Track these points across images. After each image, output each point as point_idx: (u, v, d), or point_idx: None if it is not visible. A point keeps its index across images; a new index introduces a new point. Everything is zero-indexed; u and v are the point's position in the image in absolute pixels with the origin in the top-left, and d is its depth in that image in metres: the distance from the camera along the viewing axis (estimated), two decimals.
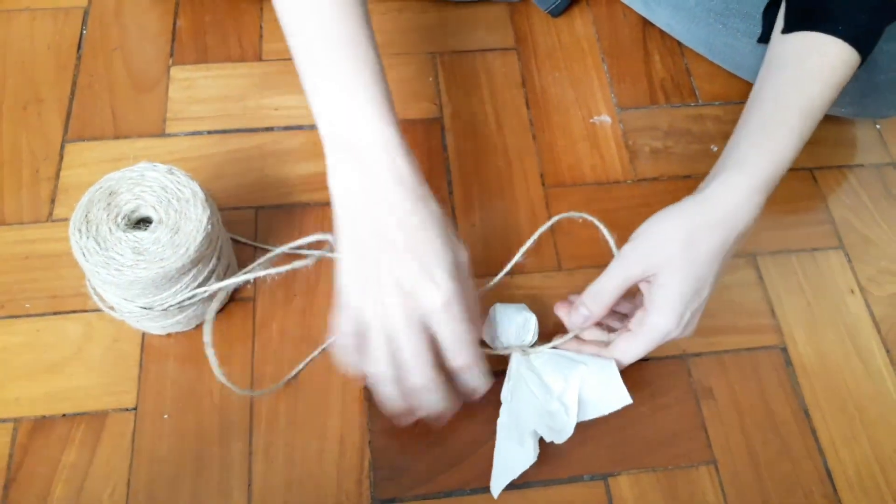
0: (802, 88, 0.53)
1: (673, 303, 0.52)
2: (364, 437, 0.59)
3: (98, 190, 0.57)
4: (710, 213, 0.51)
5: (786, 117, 0.52)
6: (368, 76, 0.48)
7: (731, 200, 0.51)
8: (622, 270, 0.53)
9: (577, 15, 0.84)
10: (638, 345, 0.54)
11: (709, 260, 0.51)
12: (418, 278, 0.46)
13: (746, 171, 0.51)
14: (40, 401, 0.60)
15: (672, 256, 0.51)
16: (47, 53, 0.77)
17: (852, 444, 0.61)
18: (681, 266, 0.51)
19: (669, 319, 0.52)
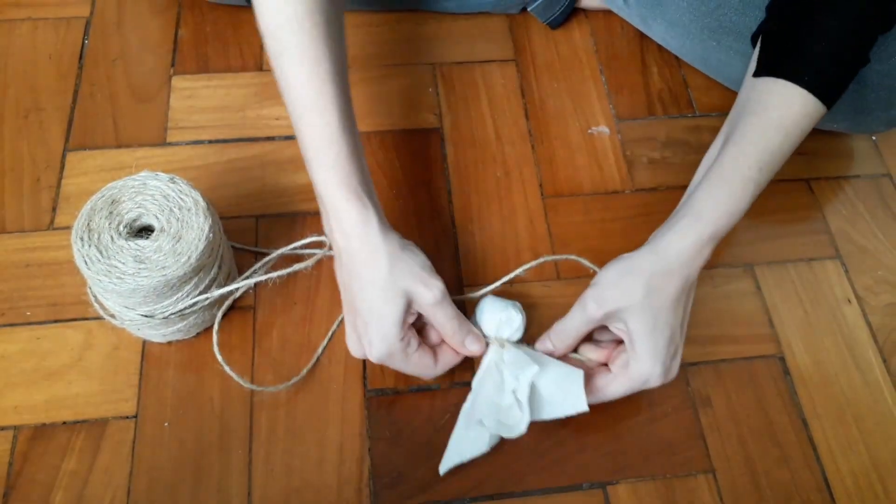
0: (765, 139, 0.53)
1: (655, 352, 0.54)
2: (364, 445, 0.60)
3: (100, 198, 0.58)
4: (666, 263, 0.53)
5: (744, 170, 0.53)
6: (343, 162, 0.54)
7: (685, 251, 0.53)
8: (583, 315, 0.56)
9: (576, 27, 0.85)
10: (618, 386, 0.56)
11: (672, 306, 0.53)
12: (364, 342, 0.56)
13: (701, 222, 0.53)
14: (40, 408, 0.60)
15: (637, 305, 0.53)
16: (49, 63, 0.78)
17: (850, 453, 0.61)
18: (650, 314, 0.53)
19: (654, 368, 0.54)
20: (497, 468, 0.59)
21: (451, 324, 0.56)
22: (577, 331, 0.57)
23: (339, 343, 0.64)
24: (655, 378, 0.54)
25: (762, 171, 0.53)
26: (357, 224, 0.54)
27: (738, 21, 0.70)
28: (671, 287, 0.53)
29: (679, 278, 0.53)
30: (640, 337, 0.54)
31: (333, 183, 0.54)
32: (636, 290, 0.53)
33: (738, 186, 0.53)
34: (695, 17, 0.73)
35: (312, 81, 0.54)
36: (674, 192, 0.74)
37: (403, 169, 0.73)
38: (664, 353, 0.54)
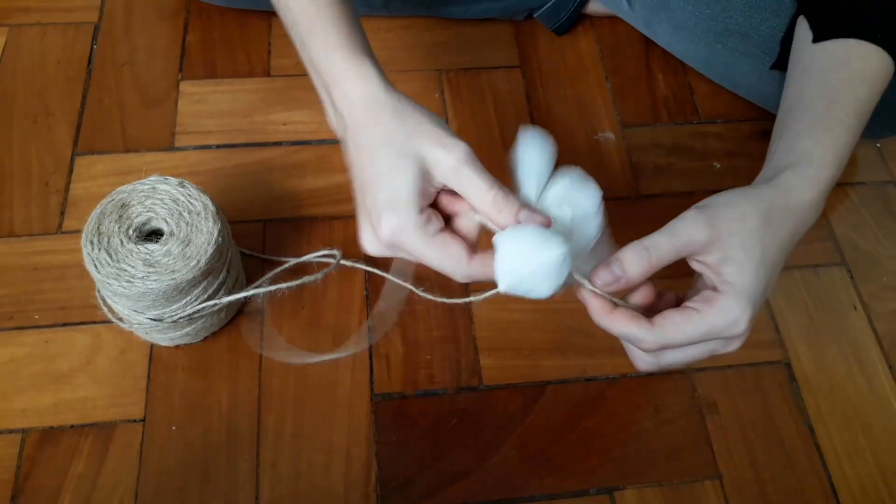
0: (853, 89, 0.52)
1: (751, 285, 0.43)
2: (371, 450, 0.60)
3: (110, 202, 0.58)
4: (788, 200, 0.46)
5: (841, 116, 0.50)
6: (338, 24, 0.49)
7: (805, 194, 0.47)
8: (685, 230, 0.44)
9: (581, 33, 0.85)
10: (697, 325, 0.44)
11: (782, 248, 0.45)
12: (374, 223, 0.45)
13: (815, 166, 0.48)
14: (48, 412, 0.60)
15: (751, 231, 0.44)
16: (57, 68, 0.78)
17: (856, 459, 0.61)
18: (759, 244, 0.44)
19: (746, 310, 0.43)
20: (503, 473, 0.59)
21: (482, 187, 0.43)
22: (672, 250, 0.44)
23: (346, 348, 0.64)
24: (742, 323, 0.43)
25: (857, 119, 0.51)
26: (360, 84, 0.47)
27: (743, 23, 0.70)
28: (788, 225, 0.45)
29: (795, 220, 0.46)
30: (743, 268, 0.43)
31: (330, 45, 0.48)
32: (753, 217, 0.44)
33: (841, 132, 0.50)
34: (700, 20, 0.73)
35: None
36: (679, 199, 0.74)
37: None
38: (760, 296, 0.44)
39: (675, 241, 0.44)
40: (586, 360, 0.64)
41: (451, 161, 0.43)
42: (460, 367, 0.64)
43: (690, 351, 0.46)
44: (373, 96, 0.46)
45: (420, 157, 0.44)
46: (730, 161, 0.77)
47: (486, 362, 0.64)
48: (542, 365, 0.64)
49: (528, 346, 0.65)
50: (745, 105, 0.80)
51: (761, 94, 0.76)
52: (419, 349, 0.64)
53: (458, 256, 0.44)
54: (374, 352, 0.64)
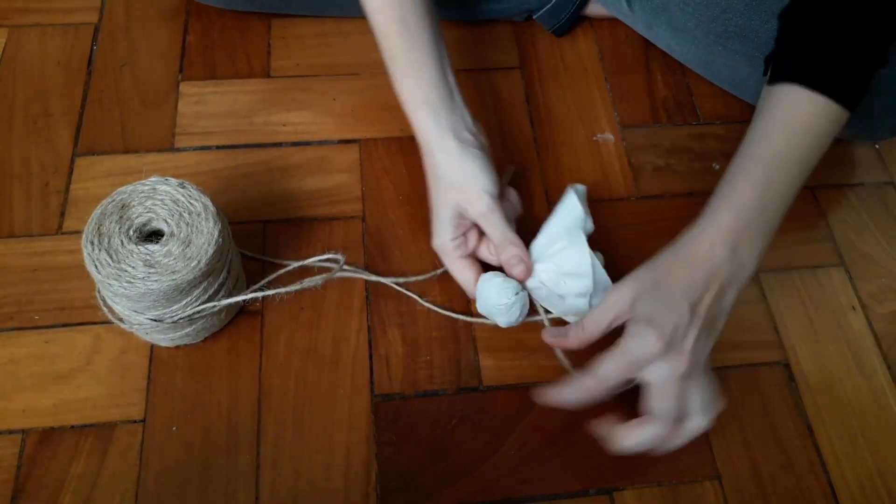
0: (767, 140, 0.55)
1: (645, 312, 0.53)
2: (371, 449, 0.60)
3: (110, 203, 0.58)
4: (676, 251, 0.55)
5: (748, 170, 0.55)
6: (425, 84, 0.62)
7: (693, 243, 0.55)
8: (603, 300, 0.56)
9: (581, 35, 0.85)
10: (613, 353, 0.54)
11: (678, 284, 0.53)
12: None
13: (713, 220, 0.55)
14: (48, 412, 0.60)
15: (644, 284, 0.55)
16: (57, 68, 0.78)
17: (855, 460, 0.61)
18: (651, 287, 0.54)
19: (642, 327, 0.53)
20: (503, 474, 0.59)
21: (493, 235, 0.62)
22: (595, 319, 0.56)
23: (346, 348, 0.64)
24: (651, 339, 0.52)
25: (769, 171, 0.54)
26: (420, 135, 0.62)
27: (743, 25, 0.70)
28: (681, 272, 0.54)
29: (689, 266, 0.54)
30: (639, 305, 0.54)
31: (405, 94, 0.62)
32: (648, 276, 0.55)
33: (744, 186, 0.54)
34: (700, 22, 0.73)
35: None
36: (679, 200, 0.74)
37: (410, 175, 0.74)
38: (659, 315, 0.53)
39: (597, 309, 0.56)
40: (585, 360, 0.64)
41: (474, 212, 0.61)
42: (460, 367, 0.64)
43: (667, 398, 0.54)
44: (428, 148, 0.62)
45: (453, 206, 0.61)
46: (729, 162, 0.77)
47: (486, 363, 0.64)
48: (541, 365, 0.64)
49: (527, 347, 0.65)
50: (745, 106, 0.80)
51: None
52: (419, 350, 0.64)
53: (468, 281, 0.64)
54: (374, 352, 0.64)
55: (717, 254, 0.54)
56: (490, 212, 0.61)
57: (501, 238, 0.61)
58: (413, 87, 0.62)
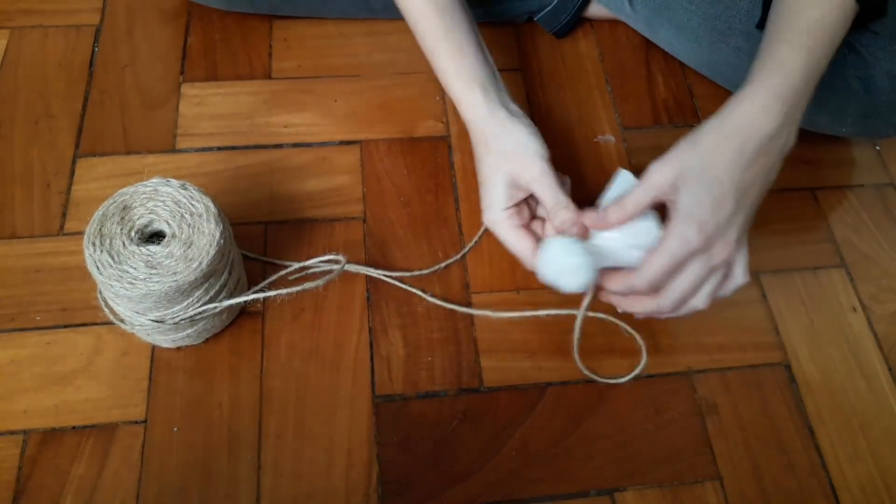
0: (803, 10, 0.54)
1: (690, 207, 0.52)
2: (372, 451, 0.60)
3: (112, 204, 0.58)
4: (723, 125, 0.53)
5: (789, 37, 0.54)
6: (468, 65, 0.62)
7: (741, 111, 0.53)
8: (645, 179, 0.54)
9: (581, 36, 0.85)
10: (661, 256, 0.53)
11: (725, 167, 0.52)
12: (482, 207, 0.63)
13: (757, 86, 0.53)
14: (50, 413, 0.60)
15: (690, 165, 0.52)
16: (59, 70, 0.78)
17: (856, 461, 0.61)
18: (697, 173, 0.52)
19: (689, 225, 0.52)
20: (504, 475, 0.59)
21: (546, 198, 0.58)
22: (636, 200, 0.55)
23: (347, 350, 0.64)
24: (692, 236, 0.52)
25: (808, 36, 0.54)
26: (469, 109, 0.62)
27: (748, 22, 0.70)
28: (727, 146, 0.52)
29: (736, 138, 0.52)
30: (683, 194, 0.52)
31: (451, 72, 0.62)
32: (694, 154, 0.53)
33: (788, 49, 0.54)
34: (703, 21, 0.73)
35: None
36: None
37: (411, 177, 0.74)
38: (701, 209, 0.52)
39: (639, 192, 0.54)
40: (587, 361, 0.64)
41: (527, 177, 0.59)
42: (461, 368, 0.64)
43: (686, 278, 0.54)
44: (479, 121, 0.61)
45: (506, 173, 0.60)
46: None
47: (487, 364, 0.64)
48: (542, 366, 0.64)
49: (528, 348, 0.65)
50: None
51: None
52: (420, 351, 0.64)
53: (527, 250, 0.59)
54: (375, 354, 0.64)
55: (769, 123, 0.52)
56: (544, 175, 0.58)
57: (555, 202, 0.58)
58: (459, 66, 0.62)
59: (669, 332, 0.66)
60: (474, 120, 0.62)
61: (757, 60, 0.55)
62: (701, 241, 0.52)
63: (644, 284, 0.54)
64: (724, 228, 0.53)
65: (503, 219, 0.60)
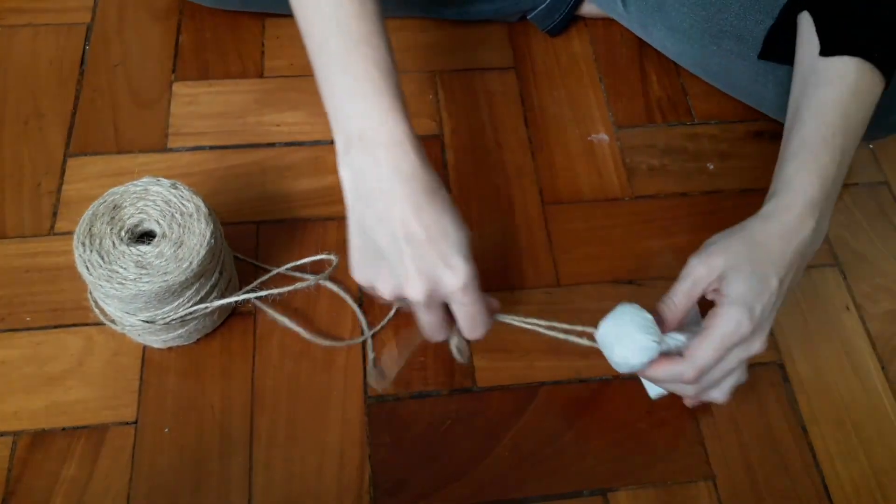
0: (844, 108, 0.55)
1: (742, 293, 0.52)
2: (364, 451, 0.60)
3: (102, 204, 0.58)
4: (769, 229, 0.54)
5: (827, 136, 0.55)
6: (379, 73, 0.51)
7: (785, 220, 0.54)
8: (689, 273, 0.54)
9: (575, 35, 0.85)
10: (712, 339, 0.52)
11: (772, 264, 0.53)
12: (437, 265, 0.49)
13: (793, 190, 0.54)
14: (40, 414, 0.60)
15: (737, 258, 0.53)
16: (50, 68, 0.78)
17: (849, 460, 0.61)
18: (746, 263, 0.53)
19: (741, 309, 0.52)
20: (497, 475, 0.59)
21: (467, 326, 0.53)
22: (685, 292, 0.54)
23: (339, 349, 0.64)
24: (745, 323, 0.52)
25: (845, 138, 0.55)
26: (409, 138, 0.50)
27: (738, 25, 0.70)
28: (773, 248, 0.53)
29: (781, 242, 0.53)
30: (732, 281, 0.52)
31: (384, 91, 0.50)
32: (741, 249, 0.53)
33: (825, 153, 0.54)
34: (695, 22, 0.73)
35: None
36: (673, 199, 0.74)
37: None
38: (751, 294, 0.52)
39: (685, 284, 0.54)
40: (580, 361, 0.64)
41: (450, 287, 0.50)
42: (454, 368, 0.64)
43: (722, 366, 0.54)
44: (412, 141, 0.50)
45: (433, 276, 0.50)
46: (723, 162, 0.77)
47: (480, 364, 0.64)
48: (535, 366, 0.64)
49: (521, 348, 0.65)
50: (739, 106, 0.80)
51: (755, 95, 0.76)
52: (413, 351, 0.64)
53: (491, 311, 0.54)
54: (367, 354, 0.64)
55: (806, 228, 0.54)
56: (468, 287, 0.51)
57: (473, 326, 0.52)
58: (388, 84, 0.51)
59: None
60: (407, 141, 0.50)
61: (792, 155, 0.55)
62: (751, 327, 0.52)
63: (694, 371, 0.53)
64: (768, 315, 0.53)
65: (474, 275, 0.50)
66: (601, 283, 0.69)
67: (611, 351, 0.53)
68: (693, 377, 0.53)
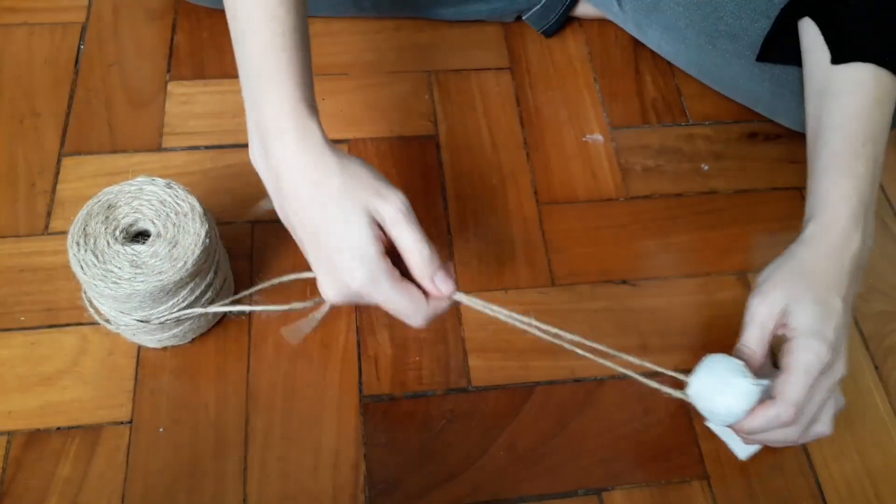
0: (869, 116, 0.56)
1: (811, 324, 0.51)
2: (359, 451, 0.60)
3: (96, 203, 0.58)
4: (818, 252, 0.54)
5: (857, 147, 0.55)
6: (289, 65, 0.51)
7: (830, 240, 0.54)
8: (752, 317, 0.54)
9: (570, 35, 0.85)
10: (796, 375, 0.51)
11: (828, 287, 0.53)
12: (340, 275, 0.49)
13: (831, 208, 0.54)
14: (34, 414, 0.59)
15: (795, 290, 0.53)
16: (45, 68, 0.78)
17: (843, 459, 0.62)
18: (806, 293, 0.52)
19: (816, 339, 0.51)
20: (492, 475, 0.59)
21: (417, 248, 0.48)
22: (758, 339, 0.53)
23: (335, 349, 0.64)
24: (824, 352, 0.51)
25: (875, 146, 0.55)
26: (306, 144, 0.49)
27: (733, 24, 0.70)
28: (826, 270, 0.53)
29: (831, 262, 0.53)
30: (798, 314, 0.52)
31: (283, 97, 0.49)
32: (796, 279, 0.53)
33: (857, 164, 0.55)
34: (691, 22, 0.73)
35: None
36: (667, 200, 0.74)
37: (399, 176, 0.73)
38: (823, 325, 0.51)
39: (753, 329, 0.53)
40: (575, 361, 0.64)
41: (390, 212, 0.47)
42: (449, 368, 0.64)
43: (816, 399, 0.52)
44: (318, 160, 0.48)
45: (366, 208, 0.47)
46: (718, 163, 0.77)
47: (475, 363, 0.64)
48: (530, 366, 0.64)
49: (516, 348, 0.65)
50: (734, 107, 0.80)
51: (750, 94, 0.77)
52: (408, 351, 0.64)
53: (420, 300, 0.49)
54: (362, 353, 0.64)
55: (854, 242, 0.54)
56: (408, 214, 0.48)
57: (422, 246, 0.48)
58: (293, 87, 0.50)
59: (658, 332, 0.66)
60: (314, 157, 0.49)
61: (827, 170, 0.55)
62: (829, 353, 0.51)
63: (791, 409, 0.50)
64: (841, 341, 0.53)
65: (386, 270, 0.48)
66: (596, 284, 0.69)
67: (710, 402, 0.51)
68: (792, 416, 0.51)
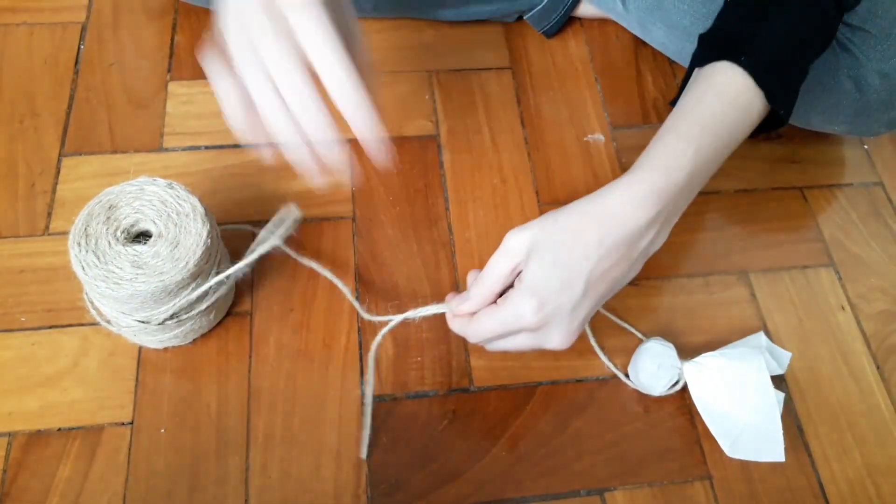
0: (701, 104, 0.52)
1: (535, 281, 0.49)
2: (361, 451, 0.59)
3: (97, 203, 0.57)
4: (590, 209, 0.50)
5: (681, 129, 0.51)
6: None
7: (611, 199, 0.50)
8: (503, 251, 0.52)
9: (571, 35, 0.85)
10: (491, 317, 0.51)
11: (580, 253, 0.50)
12: None
13: (634, 176, 0.51)
14: (35, 415, 0.59)
15: (545, 240, 0.50)
16: (44, 68, 0.78)
17: (844, 459, 0.62)
18: (550, 249, 0.50)
19: (528, 299, 0.49)
20: (495, 475, 0.59)
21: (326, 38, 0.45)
22: (495, 269, 0.52)
23: (336, 350, 0.64)
24: (528, 314, 0.49)
25: (701, 134, 0.51)
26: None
27: None
28: (587, 231, 0.50)
29: (599, 226, 0.50)
30: (530, 269, 0.50)
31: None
32: (551, 226, 0.50)
33: (675, 143, 0.51)
34: (695, 20, 0.73)
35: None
36: None
37: (400, 176, 0.73)
38: (543, 287, 0.49)
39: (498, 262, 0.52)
40: (577, 361, 0.64)
41: None
42: (451, 368, 0.64)
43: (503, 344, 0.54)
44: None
45: None
46: None
47: (477, 363, 0.64)
48: (532, 366, 0.64)
49: None
50: None
51: None
52: (410, 351, 0.64)
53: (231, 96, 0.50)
54: (364, 354, 0.64)
55: (638, 217, 0.50)
56: None
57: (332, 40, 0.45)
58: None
59: (658, 332, 0.66)
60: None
61: (646, 150, 0.52)
62: (537, 320, 0.50)
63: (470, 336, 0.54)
64: (566, 314, 0.50)
65: None
66: None
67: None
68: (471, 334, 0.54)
